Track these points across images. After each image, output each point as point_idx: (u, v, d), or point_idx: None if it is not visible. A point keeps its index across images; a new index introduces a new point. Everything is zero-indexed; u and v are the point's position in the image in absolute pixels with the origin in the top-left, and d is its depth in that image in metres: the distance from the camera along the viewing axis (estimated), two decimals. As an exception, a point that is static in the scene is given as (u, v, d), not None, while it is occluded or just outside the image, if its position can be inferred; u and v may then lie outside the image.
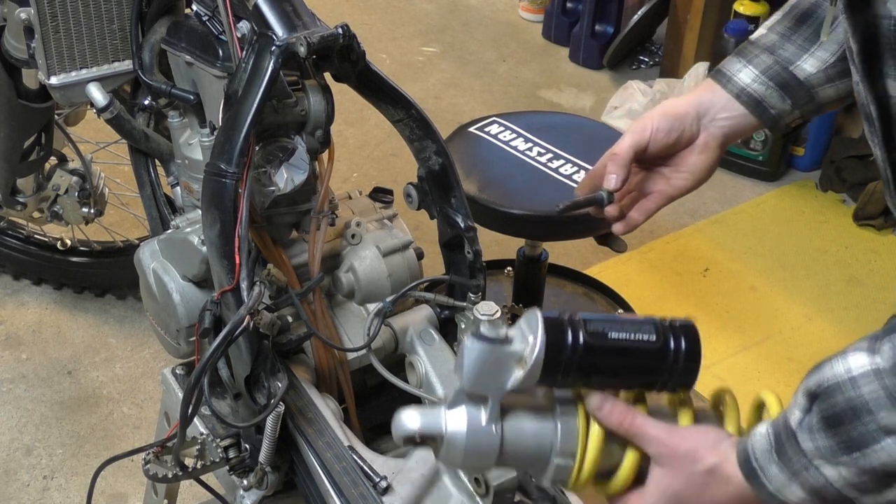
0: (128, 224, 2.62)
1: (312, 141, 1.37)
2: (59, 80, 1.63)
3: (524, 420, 0.97)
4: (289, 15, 1.30)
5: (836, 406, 0.82)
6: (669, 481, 0.94)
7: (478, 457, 0.97)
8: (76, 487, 2.12)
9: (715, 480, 0.92)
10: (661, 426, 0.95)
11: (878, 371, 0.80)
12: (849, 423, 0.81)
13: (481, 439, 0.96)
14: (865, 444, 0.81)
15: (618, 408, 0.95)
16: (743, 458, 0.90)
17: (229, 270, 1.26)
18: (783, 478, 0.86)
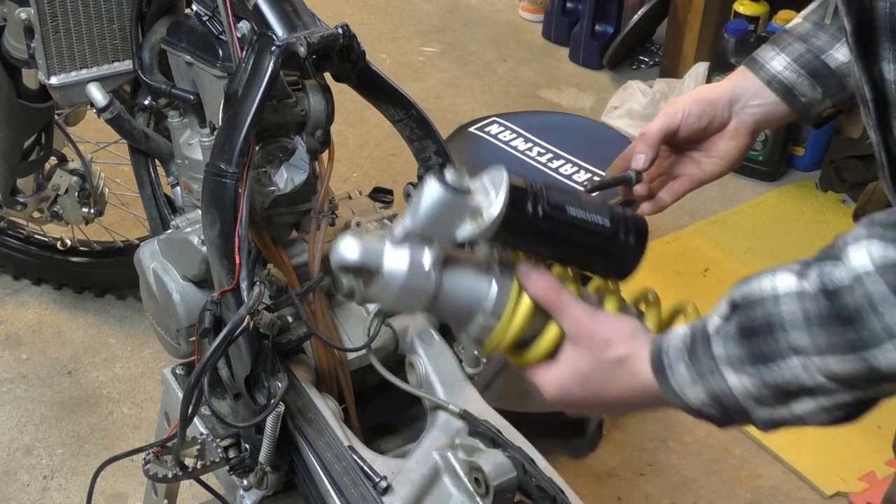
0: (128, 224, 2.62)
1: (312, 141, 1.37)
2: (59, 80, 1.63)
3: (462, 273, 0.98)
4: (289, 15, 1.30)
5: (754, 319, 0.83)
6: (579, 362, 0.96)
7: (410, 298, 0.97)
8: (76, 487, 2.12)
9: (623, 371, 0.93)
10: (583, 307, 0.97)
11: (801, 294, 0.81)
12: (762, 336, 0.83)
13: (419, 282, 0.96)
14: (772, 359, 0.82)
15: (546, 279, 0.97)
16: (655, 354, 0.91)
17: (229, 270, 1.26)
18: (688, 378, 0.87)
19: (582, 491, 2.18)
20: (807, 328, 0.80)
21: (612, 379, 0.94)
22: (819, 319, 0.79)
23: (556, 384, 0.98)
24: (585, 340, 0.95)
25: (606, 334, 0.95)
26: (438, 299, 0.97)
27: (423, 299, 0.97)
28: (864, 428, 2.46)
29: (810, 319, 0.80)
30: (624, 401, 0.95)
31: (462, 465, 1.24)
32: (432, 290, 0.96)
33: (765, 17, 3.27)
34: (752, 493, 2.21)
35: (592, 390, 0.96)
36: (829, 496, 2.20)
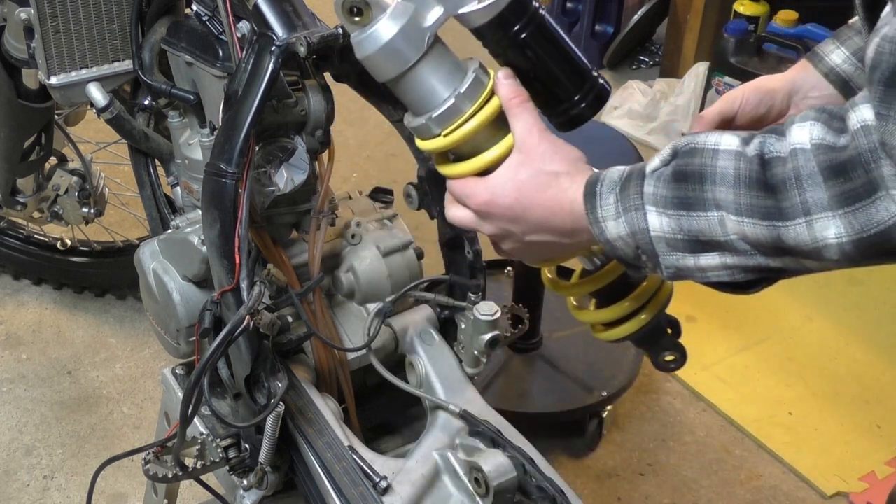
0: (128, 224, 2.62)
1: (312, 141, 1.37)
2: (59, 80, 1.63)
3: (447, 53, 1.00)
4: (289, 15, 1.30)
5: (689, 165, 0.87)
6: (518, 169, 0.98)
7: (395, 52, 0.97)
8: (76, 487, 2.12)
9: (556, 184, 0.96)
10: (540, 121, 1.00)
11: (739, 154, 0.84)
12: (692, 183, 0.86)
13: (412, 36, 0.97)
14: (694, 207, 0.86)
15: (518, 86, 1.00)
16: (591, 180, 0.94)
17: (229, 270, 1.26)
18: (613, 210, 0.91)
19: (582, 491, 2.18)
20: (734, 187, 0.83)
21: (544, 190, 0.96)
22: (747, 182, 0.83)
23: (488, 188, 0.99)
24: (529, 149, 0.98)
25: (552, 149, 0.98)
26: (419, 66, 0.98)
27: (406, 59, 0.97)
28: (864, 428, 2.47)
29: (739, 179, 0.83)
30: (546, 219, 0.97)
31: (462, 465, 1.24)
32: (421, 50, 0.97)
33: (765, 17, 3.27)
34: (752, 493, 2.21)
35: (521, 200, 0.98)
36: (829, 496, 2.20)
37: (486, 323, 1.33)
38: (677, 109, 3.31)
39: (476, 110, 1.00)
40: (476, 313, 1.33)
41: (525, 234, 1.01)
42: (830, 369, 2.47)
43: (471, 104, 1.00)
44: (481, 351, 1.35)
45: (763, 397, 2.39)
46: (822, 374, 2.46)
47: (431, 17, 0.98)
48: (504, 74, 1.01)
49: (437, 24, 0.99)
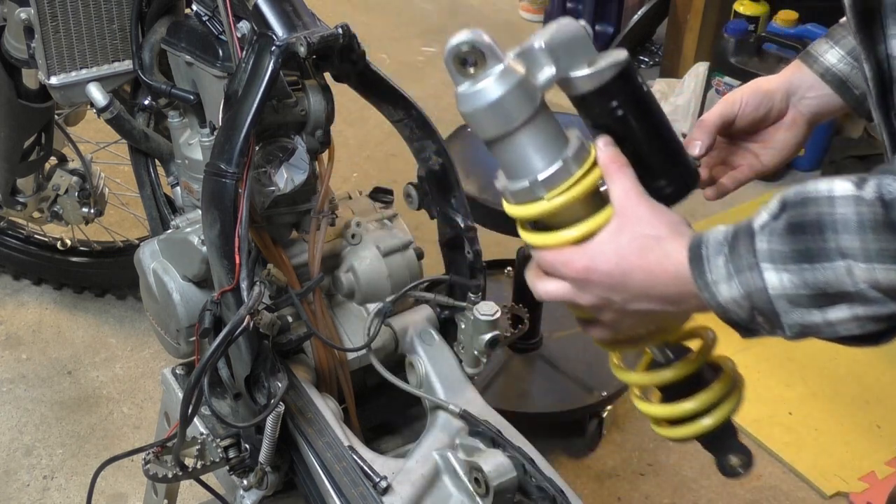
0: (128, 224, 2.62)
1: (312, 141, 1.37)
2: (59, 80, 1.63)
3: (552, 116, 0.96)
4: (289, 15, 1.30)
5: (805, 216, 0.82)
6: (618, 233, 0.94)
7: (504, 109, 0.93)
8: (76, 487, 2.12)
9: (659, 248, 0.91)
10: (638, 185, 0.96)
11: (858, 198, 0.80)
12: (811, 234, 0.82)
13: (524, 94, 0.93)
14: (818, 259, 0.82)
15: (617, 150, 0.97)
16: (695, 243, 0.89)
17: (229, 270, 1.26)
18: (724, 272, 0.86)
19: (582, 491, 2.18)
20: (859, 233, 0.79)
21: (646, 254, 0.91)
22: (873, 225, 0.79)
23: (587, 254, 0.94)
24: (631, 212, 0.94)
25: (652, 213, 0.94)
26: (526, 126, 0.93)
27: (514, 118, 0.93)
28: (864, 428, 2.46)
29: (864, 224, 0.79)
30: (650, 285, 0.92)
31: (462, 465, 1.24)
32: (532, 109, 0.93)
33: (765, 17, 3.27)
34: (752, 493, 2.21)
35: (621, 265, 0.92)
36: (829, 496, 2.19)
37: (486, 323, 1.33)
38: (677, 109, 3.31)
39: (583, 175, 0.95)
40: (476, 313, 1.33)
41: (627, 303, 0.95)
42: (830, 369, 2.47)
43: (578, 168, 0.95)
44: (481, 351, 1.35)
45: (763, 397, 2.39)
46: (822, 374, 2.46)
47: (542, 78, 0.94)
48: (604, 141, 0.98)
49: (546, 85, 0.95)
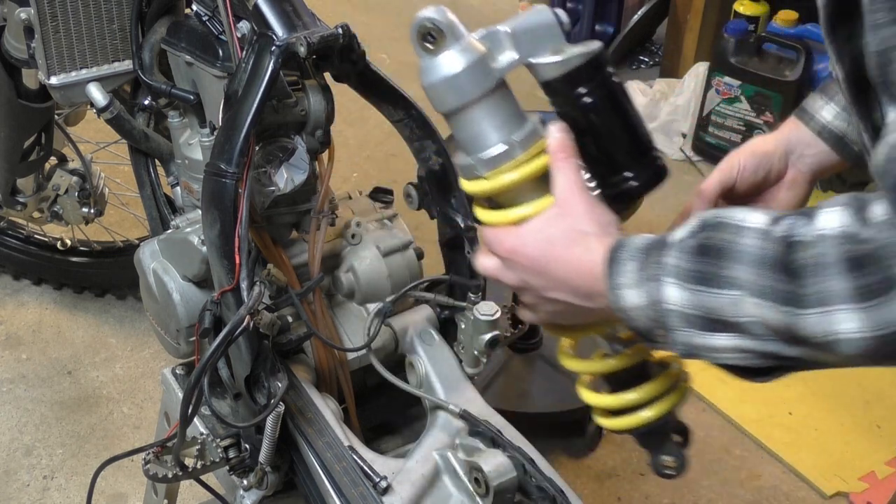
0: (128, 224, 2.62)
1: (312, 141, 1.37)
2: (59, 80, 1.63)
3: (511, 100, 1.00)
4: (289, 15, 1.30)
5: (713, 240, 0.84)
6: (551, 222, 0.97)
7: (460, 85, 0.97)
8: (76, 487, 2.12)
9: (584, 244, 0.94)
10: (582, 179, 0.98)
11: (766, 233, 0.81)
12: (714, 258, 0.83)
13: (481, 73, 0.97)
14: (714, 284, 0.83)
15: (568, 141, 0.99)
16: (616, 246, 0.91)
17: (229, 270, 1.26)
18: (633, 278, 0.89)
19: (582, 491, 2.18)
20: (755, 267, 0.81)
21: (571, 247, 0.95)
22: (771, 263, 0.80)
23: (518, 236, 0.98)
24: (568, 205, 0.97)
25: (588, 209, 0.96)
26: (478, 105, 0.97)
27: (467, 95, 0.97)
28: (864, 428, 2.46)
29: (763, 260, 0.80)
30: (568, 277, 0.95)
31: (462, 465, 1.24)
32: (487, 87, 0.97)
33: (765, 17, 3.27)
34: (752, 493, 2.21)
35: (546, 253, 0.96)
36: (829, 496, 2.19)
37: (486, 323, 1.33)
38: (677, 109, 3.31)
39: (525, 161, 0.98)
40: (476, 313, 1.33)
41: (544, 290, 0.98)
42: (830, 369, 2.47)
43: (522, 153, 0.98)
44: (481, 351, 1.35)
45: (763, 397, 2.39)
46: (822, 374, 2.43)
47: (503, 60, 0.98)
48: (557, 128, 1.00)
49: (506, 67, 0.98)
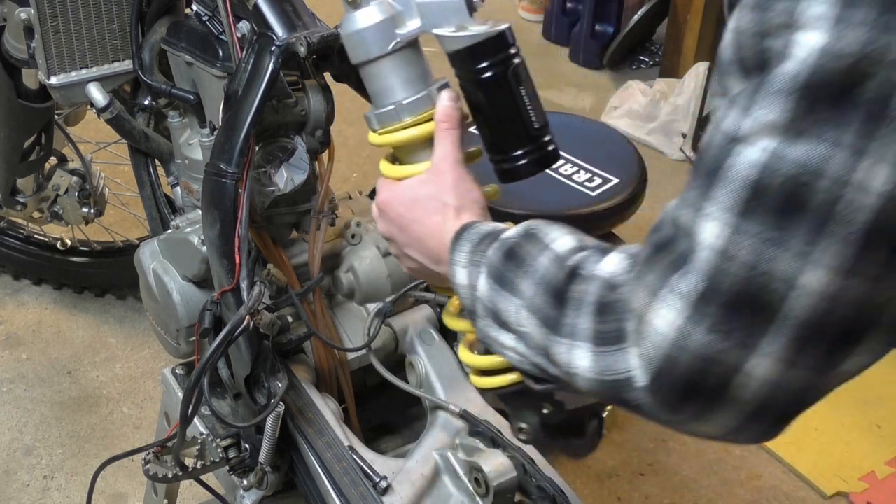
0: (128, 224, 2.62)
1: (312, 141, 1.37)
2: (59, 80, 1.63)
3: (415, 63, 1.07)
4: (289, 15, 1.30)
5: (523, 248, 0.91)
6: (421, 185, 1.04)
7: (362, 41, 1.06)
8: (76, 487, 2.12)
9: (443, 214, 1.02)
10: (461, 153, 1.04)
11: (560, 258, 0.87)
12: (516, 265, 0.90)
13: (380, 34, 1.05)
14: (506, 287, 0.90)
15: (454, 111, 1.05)
16: (466, 226, 0.98)
17: (229, 270, 1.26)
18: (465, 259, 0.95)
19: (582, 491, 2.18)
20: (538, 286, 0.86)
21: (432, 214, 1.02)
22: (550, 287, 0.85)
23: (392, 190, 1.06)
24: (439, 173, 1.03)
25: (456, 182, 1.02)
26: (380, 63, 1.06)
27: (370, 51, 1.06)
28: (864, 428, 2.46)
29: (545, 281, 0.86)
30: (423, 240, 1.03)
31: (462, 465, 1.24)
32: (384, 50, 1.05)
33: (765, 17, 3.27)
34: (752, 493, 2.21)
35: (410, 212, 1.04)
36: (829, 496, 2.19)
37: (486, 323, 1.33)
38: (677, 109, 3.31)
39: (411, 124, 1.07)
40: (476, 313, 1.33)
41: (404, 246, 1.07)
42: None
43: (410, 117, 1.07)
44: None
45: (763, 397, 2.39)
46: (822, 374, 2.45)
47: (408, 26, 1.05)
48: (448, 96, 1.06)
49: (409, 34, 1.05)
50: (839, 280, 0.68)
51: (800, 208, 0.68)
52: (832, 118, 0.66)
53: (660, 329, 0.74)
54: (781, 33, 0.67)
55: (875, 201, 0.66)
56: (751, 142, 0.69)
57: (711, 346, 0.72)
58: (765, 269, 0.69)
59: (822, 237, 0.67)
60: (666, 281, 0.74)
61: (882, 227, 0.67)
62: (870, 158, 0.65)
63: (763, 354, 0.71)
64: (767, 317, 0.70)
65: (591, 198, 2.01)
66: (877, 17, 0.63)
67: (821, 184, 0.66)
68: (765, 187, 0.68)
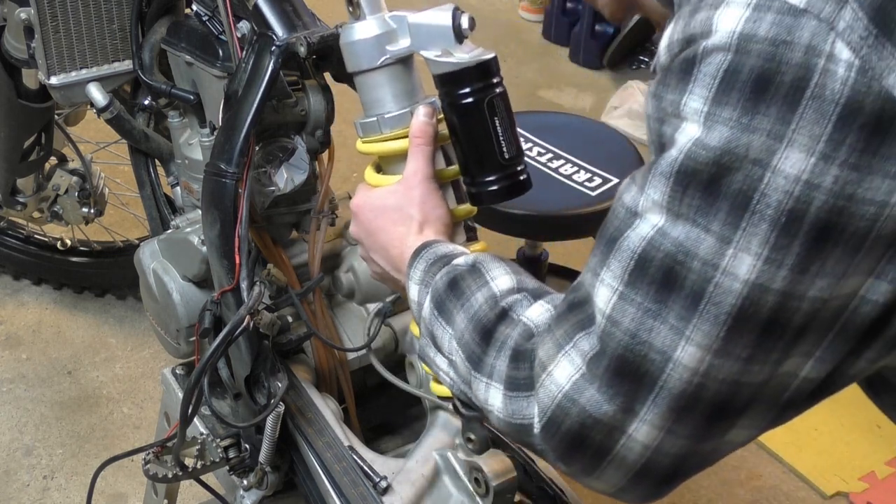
0: (128, 224, 2.62)
1: (312, 141, 1.37)
2: (59, 80, 1.63)
3: (403, 79, 1.12)
4: (289, 15, 1.30)
5: (465, 281, 0.94)
6: (391, 196, 1.09)
7: (355, 52, 1.11)
8: (76, 487, 2.12)
9: (407, 227, 1.06)
10: (431, 168, 1.08)
11: (494, 298, 0.92)
12: (454, 297, 0.94)
13: (370, 47, 1.10)
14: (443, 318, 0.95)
15: (428, 127, 1.08)
16: (428, 243, 1.03)
17: (229, 270, 1.26)
18: (419, 277, 1.00)
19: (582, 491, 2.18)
20: (470, 321, 0.91)
21: (396, 225, 1.07)
22: (479, 324, 0.90)
23: (365, 196, 1.11)
24: (408, 187, 1.07)
25: (424, 198, 1.07)
26: (368, 76, 1.12)
27: (360, 64, 1.11)
28: (864, 428, 2.47)
29: (477, 319, 0.91)
30: (386, 248, 1.08)
31: (462, 465, 1.24)
32: (372, 64, 1.10)
33: (765, 17, 3.27)
34: (752, 493, 2.21)
35: (377, 220, 1.09)
36: (829, 496, 2.20)
37: (486, 323, 1.33)
38: (677, 109, 3.31)
39: (388, 138, 1.12)
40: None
41: (370, 250, 1.12)
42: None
43: (389, 130, 1.12)
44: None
45: (763, 397, 2.39)
46: (822, 374, 2.45)
47: (399, 44, 1.09)
48: (424, 112, 1.09)
49: (398, 52, 1.09)
50: (710, 358, 0.73)
51: (677, 285, 0.73)
52: (703, 205, 0.71)
53: (557, 380, 0.80)
54: (671, 122, 0.73)
55: (741, 287, 0.71)
56: (644, 217, 0.75)
57: (599, 406, 0.77)
58: (644, 339, 0.74)
59: (695, 315, 0.72)
60: (572, 338, 0.80)
61: (748, 313, 0.71)
62: (735, 247, 0.70)
63: (643, 420, 0.76)
64: (647, 385, 0.75)
65: (592, 198, 2.01)
66: (739, 116, 0.68)
67: (694, 265, 0.72)
68: (648, 261, 0.74)
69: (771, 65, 0.67)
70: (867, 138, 0.67)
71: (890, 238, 0.70)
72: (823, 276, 0.70)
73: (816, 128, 0.67)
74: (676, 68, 0.72)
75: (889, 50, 0.66)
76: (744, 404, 0.76)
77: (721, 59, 0.69)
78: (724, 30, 0.69)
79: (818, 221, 0.69)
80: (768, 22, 0.68)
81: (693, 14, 0.72)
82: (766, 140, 0.68)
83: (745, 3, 0.69)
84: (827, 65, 0.66)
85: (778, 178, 0.68)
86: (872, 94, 0.66)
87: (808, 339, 0.74)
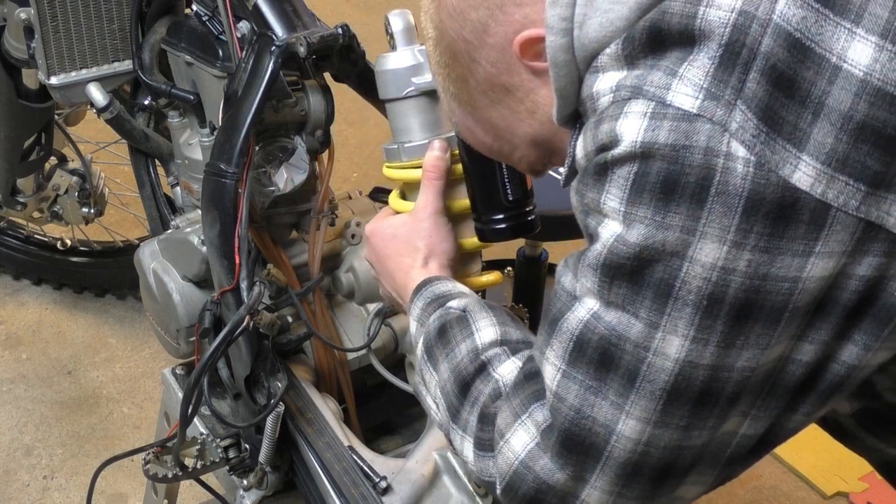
0: (128, 224, 2.62)
1: (312, 141, 1.37)
2: (59, 80, 1.63)
3: (429, 112, 1.17)
4: (289, 15, 1.30)
5: (453, 329, 0.98)
6: (401, 226, 1.13)
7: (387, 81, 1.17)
8: (76, 487, 2.12)
9: (412, 258, 1.11)
10: (441, 203, 1.12)
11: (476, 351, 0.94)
12: (442, 344, 0.98)
13: (397, 80, 1.16)
14: (431, 362, 0.98)
15: (440, 161, 1.12)
16: (430, 278, 1.07)
17: (229, 270, 1.26)
18: (417, 313, 1.05)
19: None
20: (451, 372, 0.95)
21: (403, 255, 1.11)
22: (459, 376, 0.94)
23: (380, 221, 1.16)
24: (417, 220, 1.12)
25: (431, 231, 1.11)
26: (396, 105, 1.17)
27: (388, 92, 1.17)
28: (864, 428, 2.43)
29: (458, 370, 0.94)
30: (392, 275, 1.12)
31: (462, 465, 1.24)
32: (398, 94, 1.16)
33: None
34: (752, 493, 2.21)
35: (386, 248, 1.13)
36: (829, 496, 2.19)
37: (486, 323, 1.33)
38: (677, 109, 3.31)
39: (406, 167, 1.17)
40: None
41: (379, 274, 1.17)
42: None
43: (406, 159, 1.17)
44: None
45: (763, 397, 2.39)
46: (822, 374, 2.45)
47: (424, 78, 1.14)
48: (438, 146, 1.13)
49: (422, 85, 1.15)
50: (651, 429, 0.78)
51: (613, 365, 0.78)
52: (630, 293, 0.76)
53: (514, 448, 0.85)
54: (595, 216, 0.79)
55: (672, 366, 0.76)
56: (581, 301, 0.80)
57: (552, 474, 0.82)
58: (588, 414, 0.79)
59: (632, 392, 0.77)
60: (527, 408, 0.85)
61: (682, 387, 0.76)
62: (663, 331, 0.75)
63: (593, 486, 0.81)
64: (594, 455, 0.80)
65: (591, 198, 2.01)
66: (653, 215, 0.74)
67: (627, 347, 0.77)
68: (586, 343, 0.79)
69: (675, 167, 0.72)
70: (773, 224, 0.72)
71: (807, 307, 0.74)
72: (748, 348, 0.75)
73: (725, 219, 0.72)
74: (592, 170, 0.78)
75: (781, 144, 0.71)
76: (688, 465, 0.81)
77: (629, 165, 0.75)
78: (627, 139, 0.74)
79: (737, 301, 0.74)
80: (666, 129, 0.72)
81: (598, 126, 0.77)
82: (681, 235, 0.73)
83: (641, 113, 0.74)
84: (726, 163, 0.71)
85: (695, 266, 0.73)
86: (772, 185, 0.71)
87: (743, 402, 0.79)
